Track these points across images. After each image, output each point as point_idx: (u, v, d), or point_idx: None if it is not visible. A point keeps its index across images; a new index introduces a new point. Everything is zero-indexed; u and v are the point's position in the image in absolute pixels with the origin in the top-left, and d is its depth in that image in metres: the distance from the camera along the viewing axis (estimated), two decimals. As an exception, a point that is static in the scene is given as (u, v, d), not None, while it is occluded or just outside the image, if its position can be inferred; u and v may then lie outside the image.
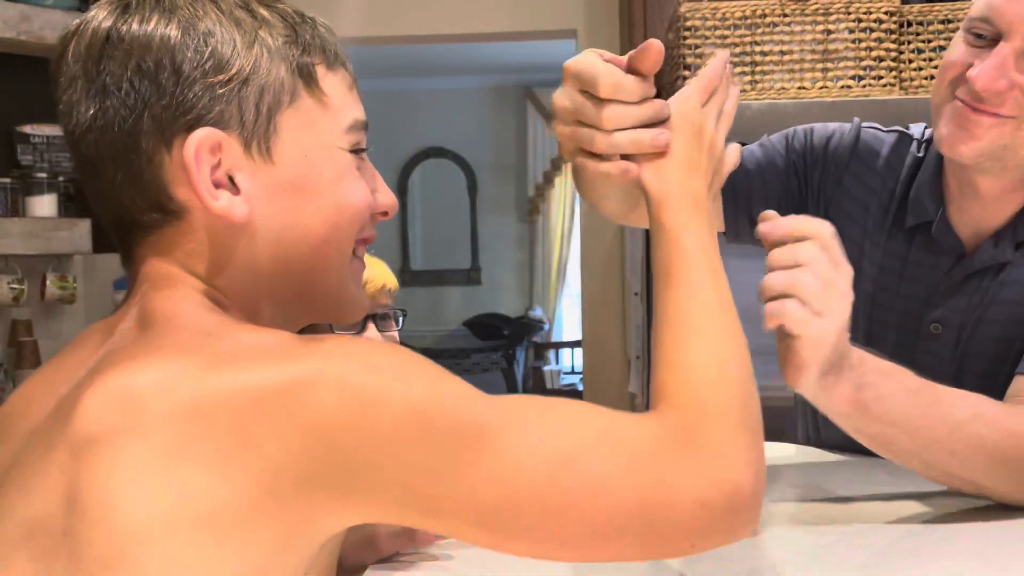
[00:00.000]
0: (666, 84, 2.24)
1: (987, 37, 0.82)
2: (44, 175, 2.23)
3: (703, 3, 2.00)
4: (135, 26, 0.53)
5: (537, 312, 5.57)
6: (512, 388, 4.99)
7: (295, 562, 0.49)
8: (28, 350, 2.20)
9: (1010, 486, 0.78)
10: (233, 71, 0.53)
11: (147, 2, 0.54)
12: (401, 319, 1.01)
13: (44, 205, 2.23)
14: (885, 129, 1.00)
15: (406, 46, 3.89)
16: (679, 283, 0.58)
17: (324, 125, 0.57)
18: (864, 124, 1.01)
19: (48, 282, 2.25)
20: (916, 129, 0.99)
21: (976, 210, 0.90)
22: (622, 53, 0.63)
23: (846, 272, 0.69)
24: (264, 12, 0.56)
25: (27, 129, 2.24)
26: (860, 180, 0.97)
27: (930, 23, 1.97)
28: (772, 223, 0.69)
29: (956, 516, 0.80)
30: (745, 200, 0.99)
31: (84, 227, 2.26)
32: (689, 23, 1.95)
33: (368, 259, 0.97)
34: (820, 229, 0.68)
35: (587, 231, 3.11)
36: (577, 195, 5.39)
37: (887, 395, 0.75)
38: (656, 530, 0.50)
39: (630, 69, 0.61)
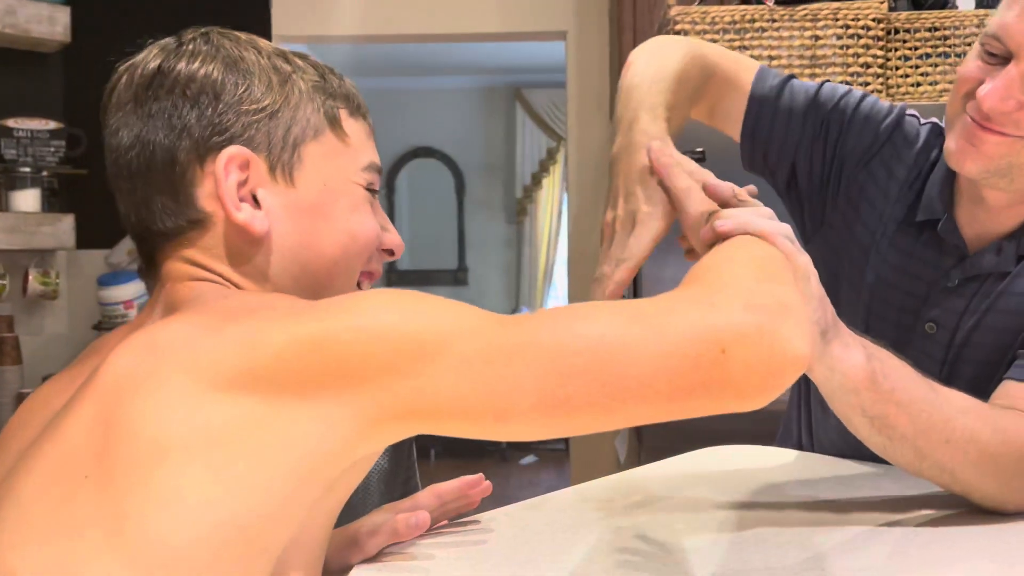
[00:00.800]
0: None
1: (999, 56, 0.82)
2: (28, 169, 2.21)
3: (693, 7, 2.00)
4: (182, 63, 0.61)
5: (523, 313, 5.57)
6: (498, 389, 4.98)
7: (312, 492, 0.52)
8: (9, 346, 2.18)
9: (994, 486, 0.79)
10: (266, 103, 0.61)
11: (195, 43, 0.62)
12: None
13: (27, 200, 2.21)
14: (923, 120, 0.99)
15: (396, 45, 3.89)
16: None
17: (343, 161, 0.65)
18: (908, 112, 1.00)
19: (31, 277, 2.23)
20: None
21: (982, 216, 0.91)
22: (611, 55, 0.64)
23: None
24: (299, 61, 0.65)
25: (11, 123, 2.22)
26: (888, 167, 0.97)
27: (916, 30, 1.99)
28: (725, 221, 0.69)
29: (958, 518, 0.81)
30: (763, 142, 0.98)
31: (68, 222, 2.24)
32: (679, 27, 1.96)
33: None
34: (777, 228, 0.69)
35: (574, 233, 3.12)
36: (565, 196, 5.34)
37: (894, 370, 0.76)
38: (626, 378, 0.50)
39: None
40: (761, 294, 0.54)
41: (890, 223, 0.96)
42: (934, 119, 0.99)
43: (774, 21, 1.92)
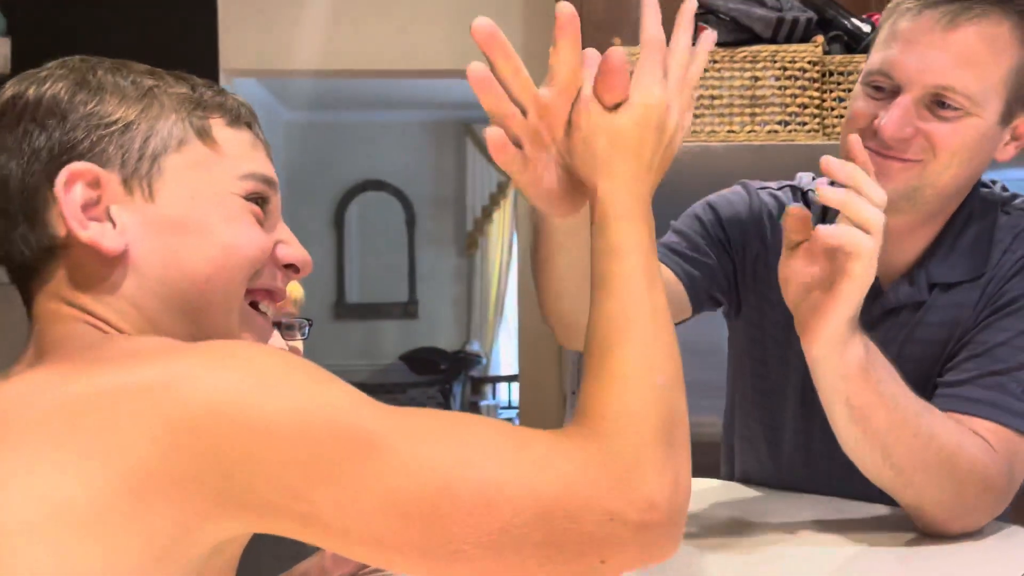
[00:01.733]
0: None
1: (887, 89, 0.87)
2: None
3: (637, 47, 2.06)
4: (32, 88, 0.58)
5: (475, 346, 5.55)
6: (449, 423, 4.95)
7: (176, 572, 0.47)
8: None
9: (947, 492, 0.81)
10: (117, 116, 0.57)
11: (50, 69, 0.59)
12: (307, 329, 0.99)
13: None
14: (776, 185, 1.05)
15: (346, 80, 3.89)
16: (615, 292, 0.56)
17: (216, 171, 0.60)
18: (755, 185, 1.05)
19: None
20: (804, 178, 1.05)
21: (888, 246, 0.94)
22: None
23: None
24: (170, 78, 0.61)
25: (-54, 154, 2.16)
26: (776, 236, 1.01)
27: (850, 73, 2.07)
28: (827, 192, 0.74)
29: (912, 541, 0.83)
30: (704, 283, 1.01)
31: None
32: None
33: None
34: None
35: (525, 265, 3.13)
36: (515, 230, 5.34)
37: (882, 366, 0.80)
38: (559, 542, 0.47)
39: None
40: (662, 486, 0.50)
41: None
42: (785, 181, 1.05)
43: (715, 62, 1.98)
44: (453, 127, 5.59)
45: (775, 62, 2.00)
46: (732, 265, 1.03)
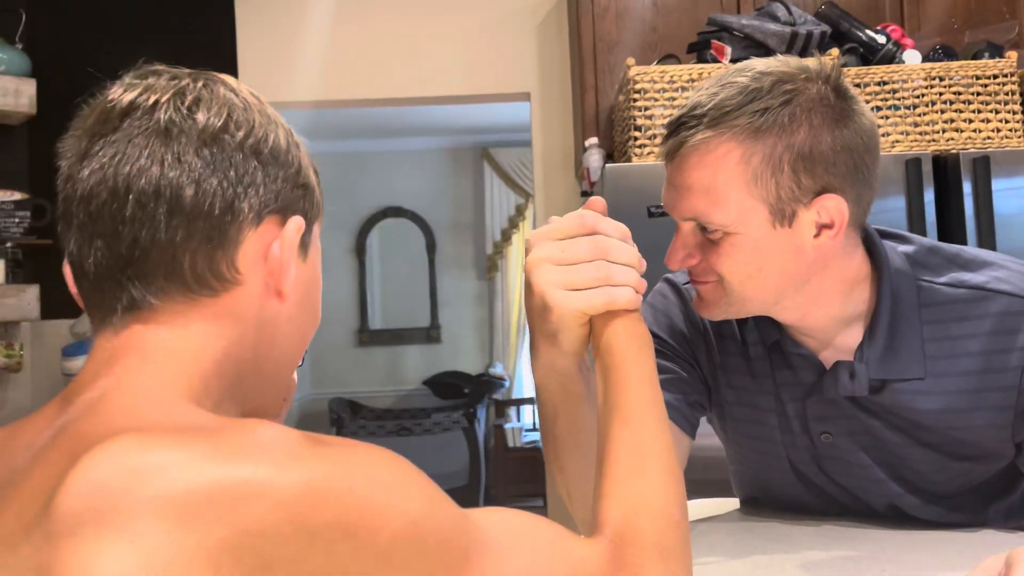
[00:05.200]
0: (618, 144, 2.29)
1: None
2: (-9, 241, 2.19)
3: (651, 67, 2.06)
4: (249, 117, 0.58)
5: (497, 369, 5.55)
6: (473, 447, 4.93)
7: None
8: (-30, 421, 2.12)
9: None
10: (307, 179, 0.61)
11: (256, 99, 0.60)
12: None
13: (-9, 272, 2.18)
14: (683, 282, 1.03)
15: (364, 108, 3.94)
16: (628, 421, 0.65)
17: (319, 250, 0.64)
18: (665, 278, 1.04)
19: (-7, 350, 2.19)
20: (680, 277, 1.02)
21: (805, 332, 0.93)
22: (574, 114, 0.66)
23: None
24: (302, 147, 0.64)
25: (-25, 195, 2.21)
26: (716, 325, 1.00)
27: (867, 84, 2.06)
28: None
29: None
30: (694, 398, 1.00)
31: (32, 293, 2.21)
32: (639, 86, 2.01)
33: None
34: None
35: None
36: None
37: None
38: None
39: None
40: None
41: (742, 369, 0.98)
42: (666, 277, 1.03)
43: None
44: (470, 152, 5.63)
45: (790, 76, 2.00)
46: (699, 372, 1.02)
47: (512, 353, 5.59)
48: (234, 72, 2.96)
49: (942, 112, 2.05)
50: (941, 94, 2.05)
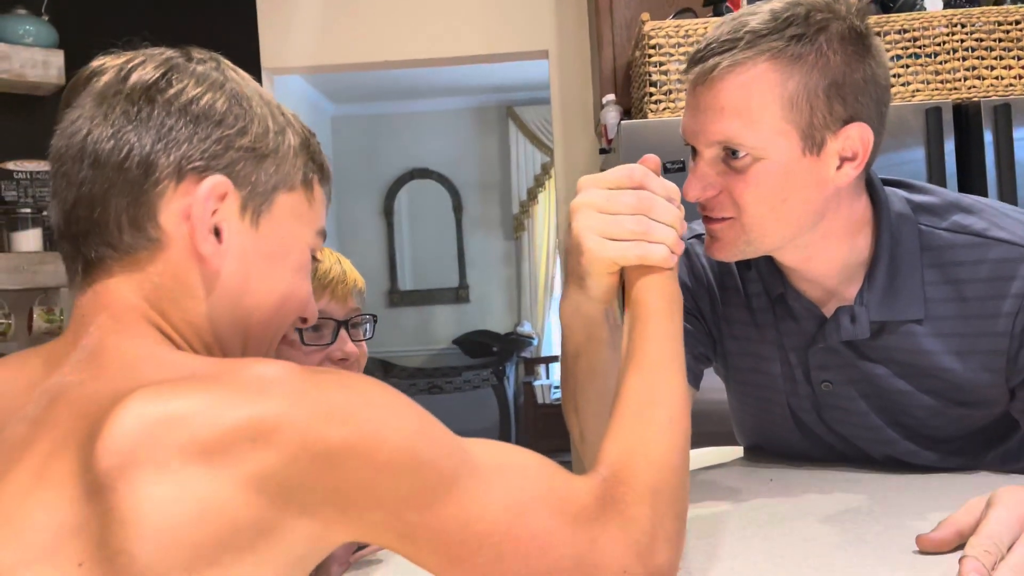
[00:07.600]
0: (635, 101, 2.29)
1: (695, 151, 0.87)
2: (28, 210, 2.27)
3: (666, 22, 2.05)
4: (190, 82, 0.59)
5: (526, 327, 5.60)
6: (503, 404, 5.01)
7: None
8: (16, 383, 2.22)
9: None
10: (259, 145, 0.61)
11: (205, 65, 0.61)
12: (371, 326, 1.01)
13: (29, 240, 2.26)
14: (687, 236, 1.03)
15: (388, 71, 3.95)
16: (642, 369, 0.67)
17: (304, 220, 0.65)
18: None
19: (35, 316, 2.28)
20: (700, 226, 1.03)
21: (809, 279, 0.94)
22: (592, 70, 0.67)
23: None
24: (290, 116, 0.65)
25: (10, 166, 2.28)
26: (719, 278, 1.02)
27: (887, 33, 2.03)
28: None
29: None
30: (699, 350, 1.03)
31: (69, 260, 2.29)
32: (653, 41, 2.00)
33: (333, 255, 0.99)
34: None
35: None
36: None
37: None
38: None
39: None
40: (670, 555, 0.59)
41: (747, 319, 1.00)
42: (692, 229, 1.03)
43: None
44: (494, 111, 5.61)
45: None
46: (704, 324, 1.03)
47: (540, 311, 5.63)
48: (254, 38, 2.99)
49: (963, 60, 2.01)
50: (963, 41, 2.01)
